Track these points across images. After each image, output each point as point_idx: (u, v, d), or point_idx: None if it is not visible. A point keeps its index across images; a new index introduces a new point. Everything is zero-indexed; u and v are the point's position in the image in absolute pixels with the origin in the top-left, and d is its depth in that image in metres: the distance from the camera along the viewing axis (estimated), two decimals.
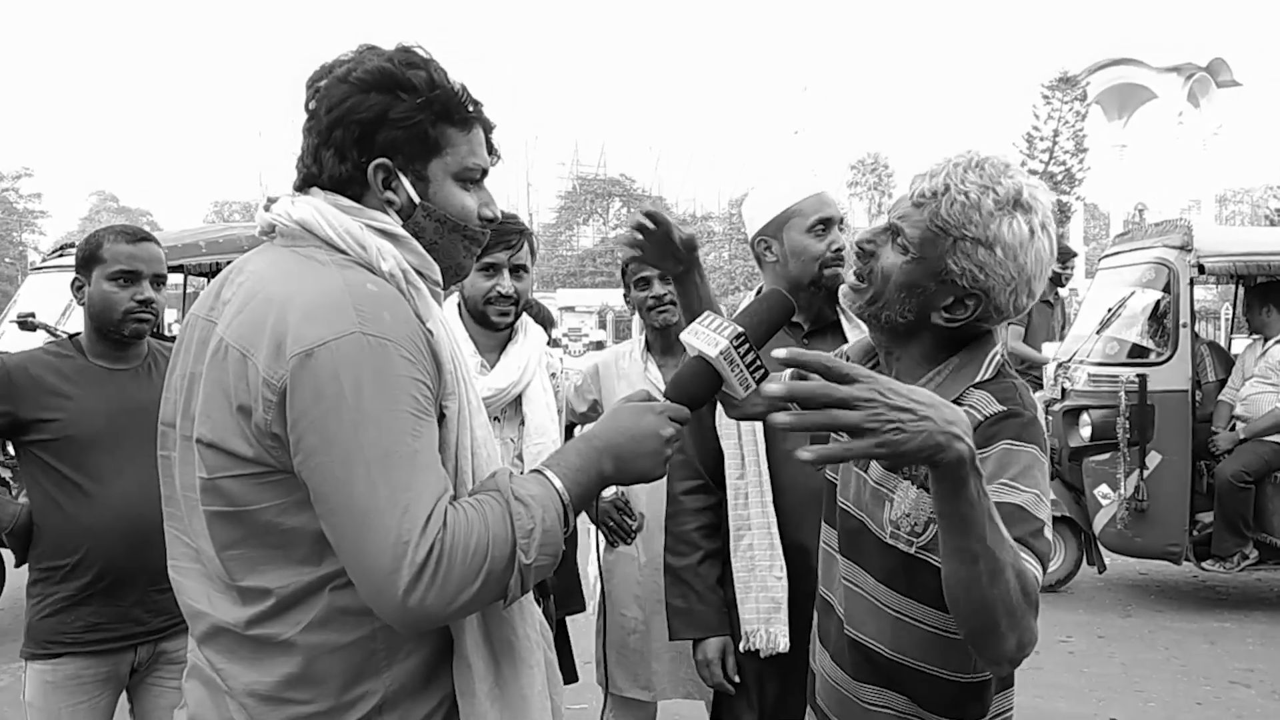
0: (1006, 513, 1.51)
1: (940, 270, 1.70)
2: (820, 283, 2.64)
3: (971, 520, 1.36)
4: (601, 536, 3.67)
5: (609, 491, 3.55)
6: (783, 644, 2.58)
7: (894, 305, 1.75)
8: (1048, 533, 1.57)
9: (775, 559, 2.60)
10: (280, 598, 1.49)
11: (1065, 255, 9.42)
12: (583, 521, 3.73)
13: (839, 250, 2.66)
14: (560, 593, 3.47)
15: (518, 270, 2.98)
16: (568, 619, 3.67)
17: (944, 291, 1.72)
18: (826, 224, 2.64)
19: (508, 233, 2.92)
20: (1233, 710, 5.23)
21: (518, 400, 3.02)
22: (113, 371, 2.84)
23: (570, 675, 3.51)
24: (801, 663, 2.59)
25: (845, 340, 2.61)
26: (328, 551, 1.45)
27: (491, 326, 3.00)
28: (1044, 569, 1.52)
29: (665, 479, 2.62)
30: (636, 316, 3.74)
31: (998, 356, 1.78)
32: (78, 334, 2.93)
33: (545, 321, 4.22)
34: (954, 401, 1.70)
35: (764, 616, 2.60)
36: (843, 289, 1.86)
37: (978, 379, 1.74)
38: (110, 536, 2.71)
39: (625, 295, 3.75)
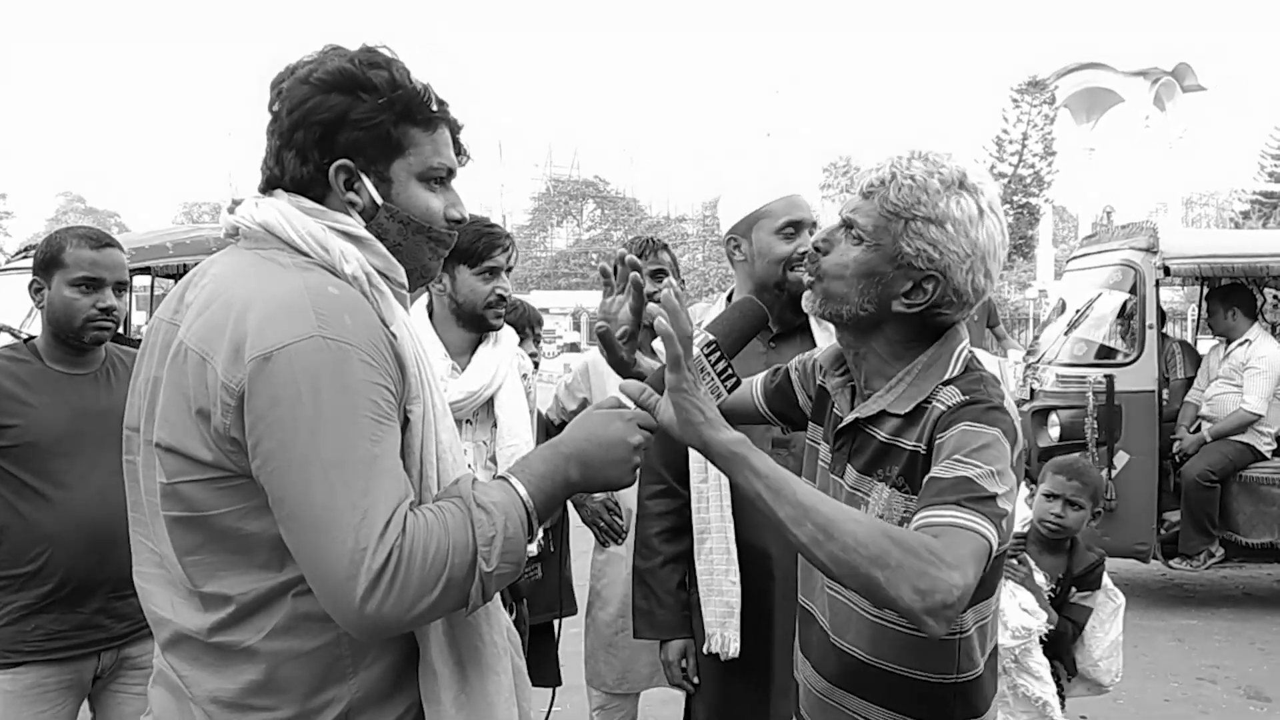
0: (950, 483, 1.54)
1: (896, 254, 1.72)
2: (784, 285, 2.63)
3: (761, 492, 1.52)
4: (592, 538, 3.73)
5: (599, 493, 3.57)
6: (733, 649, 2.59)
7: (854, 298, 1.76)
8: (1003, 505, 1.56)
9: (731, 564, 2.61)
10: (241, 604, 1.48)
11: None
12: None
13: (805, 254, 2.65)
14: (550, 597, 3.49)
15: (508, 272, 3.01)
16: (556, 622, 3.70)
17: (901, 276, 1.73)
18: (796, 226, 2.63)
19: (501, 235, 2.95)
20: (1199, 706, 5.28)
21: (490, 402, 3.01)
22: (71, 376, 2.79)
23: (554, 679, 3.55)
24: (761, 666, 2.58)
25: (814, 343, 2.60)
26: (288, 557, 1.43)
27: (488, 329, 3.02)
28: (995, 531, 1.51)
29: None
30: None
31: (965, 352, 1.79)
32: (33, 338, 2.88)
33: (533, 321, 4.20)
34: (925, 400, 1.73)
35: (720, 620, 2.61)
36: (805, 294, 1.86)
37: (946, 376, 1.74)
38: (72, 543, 2.67)
39: None
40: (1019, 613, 3.27)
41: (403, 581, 1.35)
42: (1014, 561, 3.40)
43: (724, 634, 2.61)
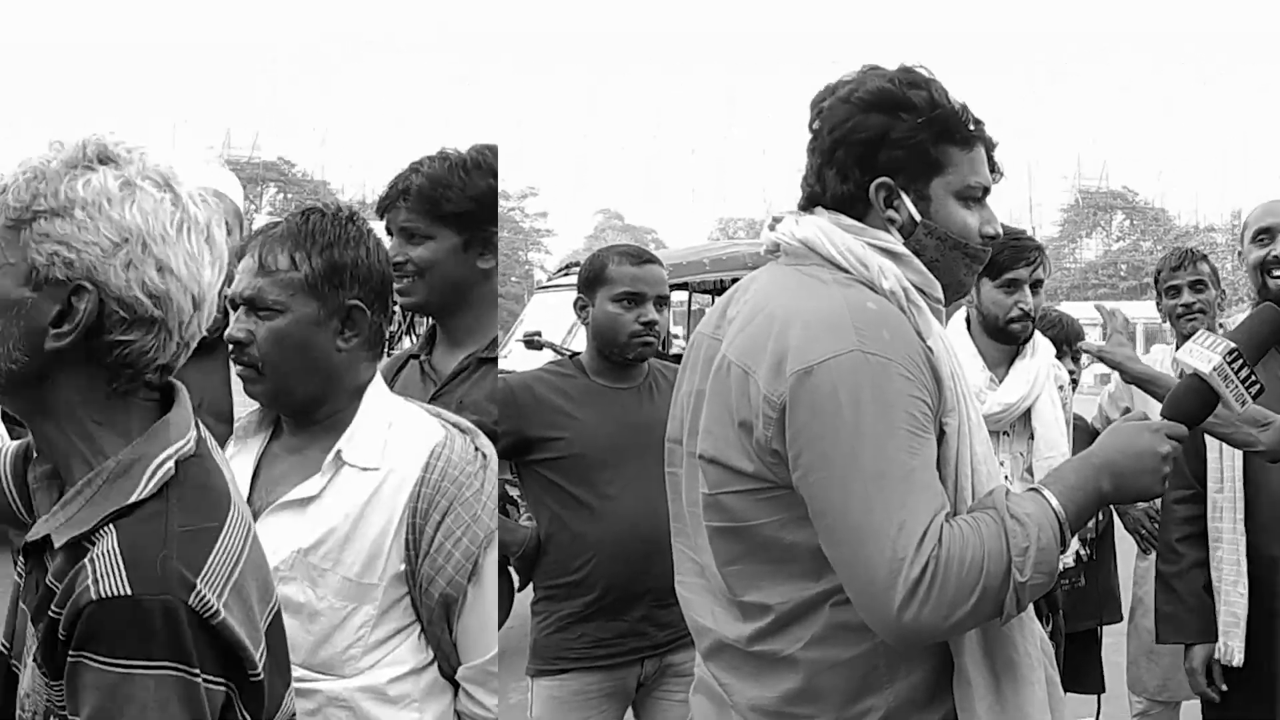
0: None
1: (29, 271, 1.21)
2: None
3: None
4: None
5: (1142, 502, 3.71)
6: (1237, 658, 2.66)
7: None
8: None
9: (1240, 575, 2.67)
10: (780, 614, 1.52)
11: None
12: None
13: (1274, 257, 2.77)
14: (1093, 604, 3.64)
15: (1035, 286, 3.00)
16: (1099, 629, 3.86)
17: (46, 300, 1.21)
18: (1268, 233, 2.82)
19: (1027, 249, 2.96)
20: None
21: (1027, 414, 3.04)
22: (616, 390, 2.87)
23: (1098, 685, 3.70)
24: (1265, 675, 2.64)
25: None
26: (827, 567, 1.47)
27: (1011, 341, 3.04)
28: None
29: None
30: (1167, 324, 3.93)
31: (189, 448, 1.26)
32: (578, 353, 3.03)
33: (1074, 336, 4.05)
34: (87, 536, 1.20)
35: (1224, 629, 2.70)
36: None
37: (132, 497, 1.20)
38: (616, 552, 2.73)
39: (1157, 304, 3.91)
40: None
41: (939, 591, 1.36)
42: None
43: (1226, 643, 2.69)
